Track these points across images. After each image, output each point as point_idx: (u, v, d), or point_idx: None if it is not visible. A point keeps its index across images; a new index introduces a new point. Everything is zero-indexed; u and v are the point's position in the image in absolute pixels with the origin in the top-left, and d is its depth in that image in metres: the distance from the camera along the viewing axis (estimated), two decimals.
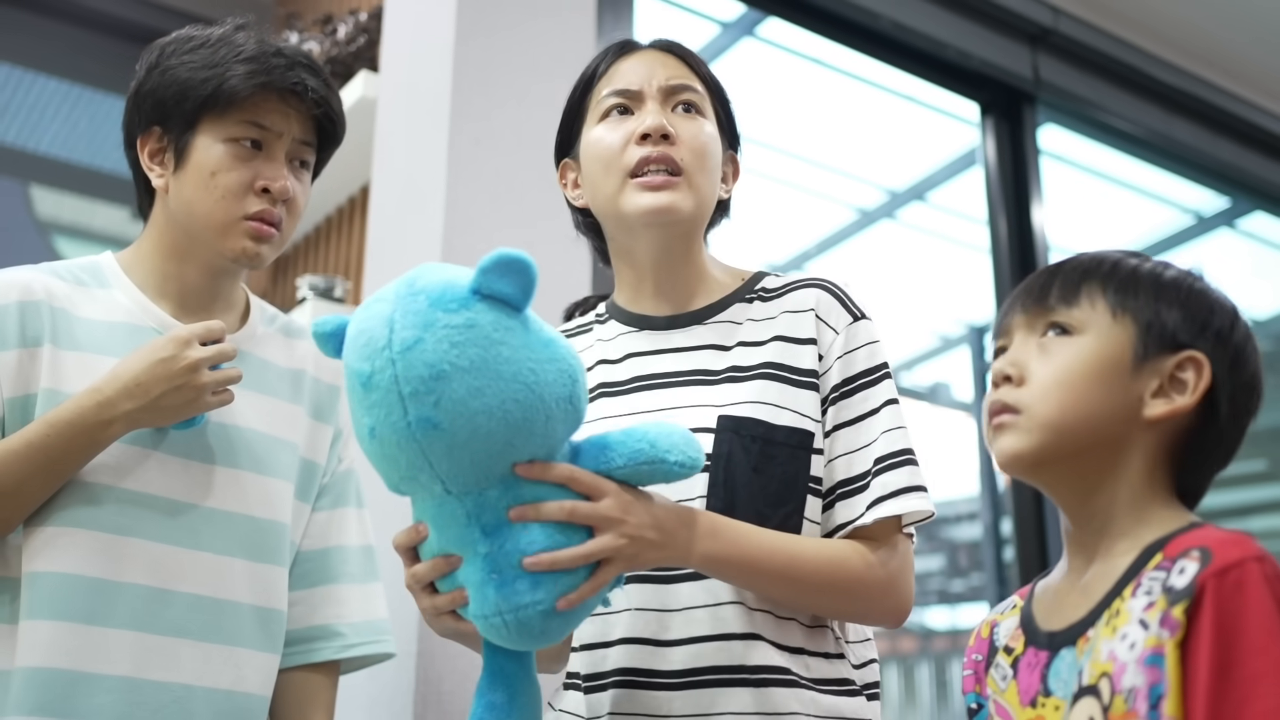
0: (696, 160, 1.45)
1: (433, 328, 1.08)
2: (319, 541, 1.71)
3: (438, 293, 1.10)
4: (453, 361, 1.08)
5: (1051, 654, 1.08)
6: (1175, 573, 0.99)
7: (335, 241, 2.91)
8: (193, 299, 1.64)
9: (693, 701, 1.32)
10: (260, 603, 1.59)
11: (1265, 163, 4.18)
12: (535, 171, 2.29)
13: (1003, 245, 3.45)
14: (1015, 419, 1.09)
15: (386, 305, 1.11)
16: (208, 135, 1.59)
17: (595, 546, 1.16)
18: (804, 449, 1.38)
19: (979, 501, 4.20)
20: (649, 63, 1.49)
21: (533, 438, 1.13)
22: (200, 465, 1.57)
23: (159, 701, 1.49)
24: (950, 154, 4.30)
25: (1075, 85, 3.64)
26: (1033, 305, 1.14)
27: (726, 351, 1.44)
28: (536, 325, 1.15)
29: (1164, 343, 1.10)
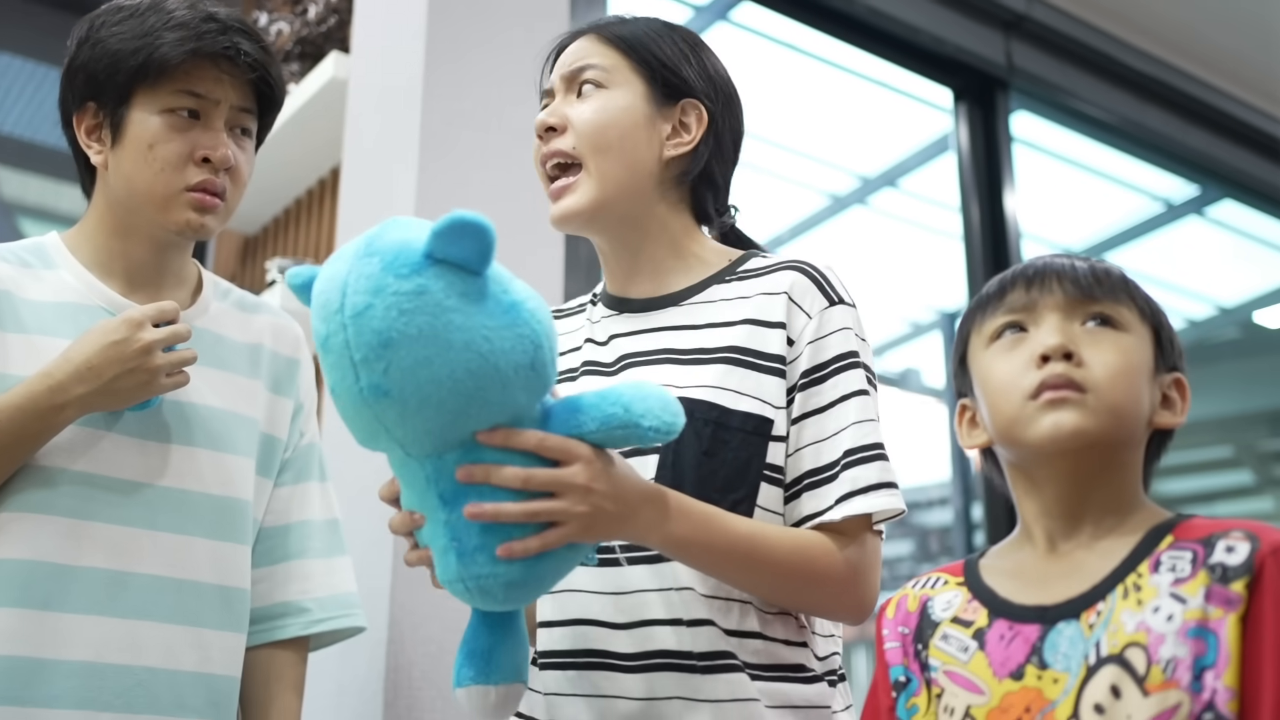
0: (588, 142, 1.42)
1: (382, 293, 1.05)
2: (282, 517, 1.69)
3: (391, 256, 1.06)
4: (400, 329, 1.05)
5: (1046, 627, 1.08)
6: (1220, 551, 1.03)
7: (305, 224, 2.88)
8: (140, 275, 1.61)
9: (644, 685, 1.32)
10: (223, 582, 1.57)
11: (1235, 151, 4.20)
12: (508, 153, 2.28)
13: (975, 232, 3.46)
14: (1082, 397, 1.09)
15: (344, 265, 1.09)
16: (142, 107, 1.55)
17: (543, 506, 1.13)
18: (760, 435, 1.35)
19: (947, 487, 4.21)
20: (565, 55, 1.50)
21: (489, 406, 1.10)
22: (157, 445, 1.55)
23: (122, 686, 1.47)
24: (922, 140, 4.31)
25: (1048, 72, 3.65)
26: (1075, 292, 1.14)
27: (697, 331, 1.42)
28: (498, 289, 1.11)
29: (1166, 359, 1.16)
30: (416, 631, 1.97)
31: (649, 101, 1.45)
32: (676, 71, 1.47)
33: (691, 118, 1.47)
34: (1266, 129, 4.25)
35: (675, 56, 1.47)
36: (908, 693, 1.16)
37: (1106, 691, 1.01)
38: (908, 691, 1.16)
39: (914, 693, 1.15)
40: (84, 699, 1.44)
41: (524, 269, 2.21)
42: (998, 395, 1.14)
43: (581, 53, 1.47)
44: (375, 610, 1.98)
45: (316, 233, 2.80)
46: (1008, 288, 1.18)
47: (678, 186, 1.49)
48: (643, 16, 1.52)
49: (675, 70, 1.47)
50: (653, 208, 1.47)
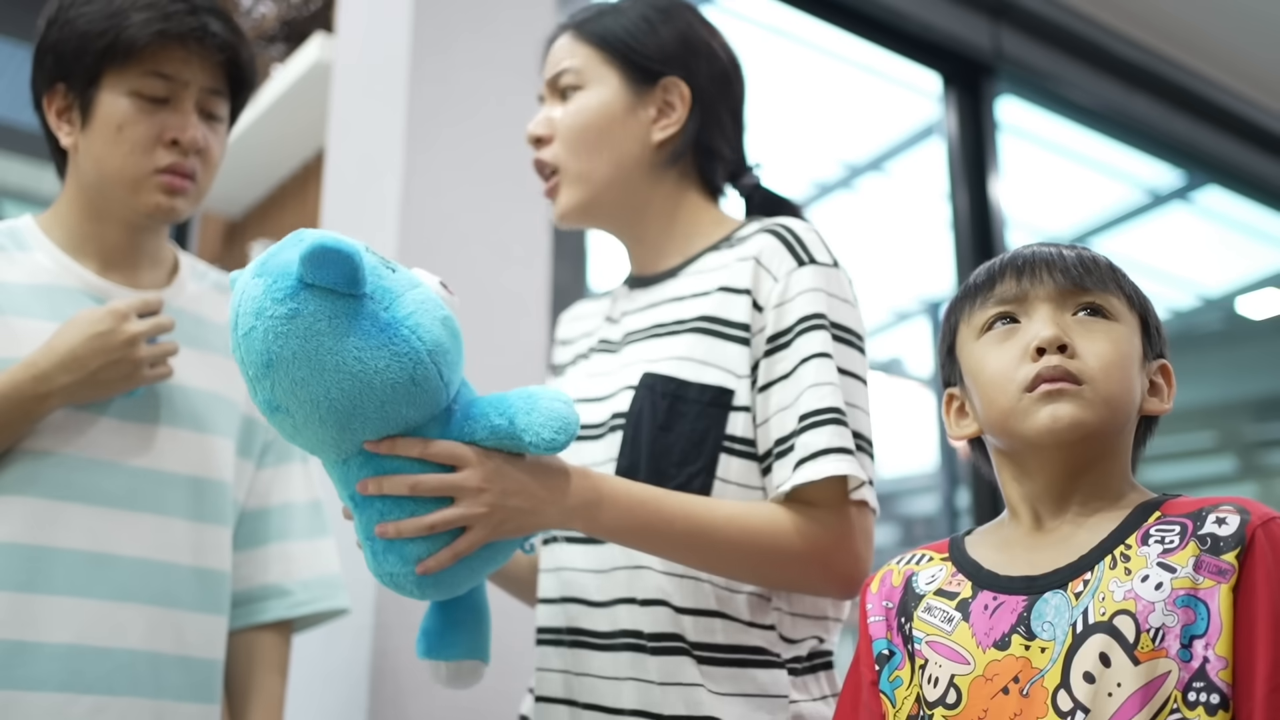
0: (567, 147, 1.45)
1: (262, 316, 1.08)
2: (264, 499, 1.69)
3: (272, 279, 1.08)
4: (277, 352, 1.08)
5: (1032, 598, 1.08)
6: (1210, 524, 1.03)
7: (289, 207, 2.86)
8: (115, 257, 1.60)
9: (610, 664, 1.33)
10: (201, 564, 1.56)
11: (1221, 138, 4.20)
12: (496, 135, 2.26)
13: (962, 218, 3.45)
14: (1079, 389, 1.10)
15: (241, 281, 1.12)
16: (111, 89, 1.55)
17: (440, 517, 1.15)
18: (718, 406, 1.33)
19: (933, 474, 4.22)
20: (549, 59, 1.51)
21: (369, 421, 1.13)
22: (138, 425, 1.54)
23: (103, 669, 1.46)
24: (908, 127, 4.30)
25: (1036, 59, 3.64)
26: (1065, 282, 1.14)
27: (681, 303, 1.42)
28: (377, 307, 1.11)
29: (1153, 346, 1.17)
30: (403, 615, 1.96)
31: (627, 91, 1.45)
32: (648, 54, 1.46)
33: (674, 95, 1.46)
34: (1252, 116, 4.26)
35: (644, 37, 1.46)
36: (891, 665, 1.15)
37: (1096, 660, 1.01)
38: (891, 664, 1.15)
39: (897, 665, 1.15)
40: (65, 681, 1.44)
41: (512, 254, 2.21)
42: (991, 388, 1.14)
43: (560, 55, 1.49)
44: (361, 594, 1.97)
45: (300, 216, 2.78)
46: (997, 278, 1.17)
47: (677, 163, 1.48)
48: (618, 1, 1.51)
49: (646, 53, 1.46)
50: (654, 191, 1.47)
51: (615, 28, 1.47)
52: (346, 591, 1.72)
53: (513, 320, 2.19)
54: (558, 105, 1.47)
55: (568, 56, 1.47)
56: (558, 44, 1.50)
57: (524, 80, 2.28)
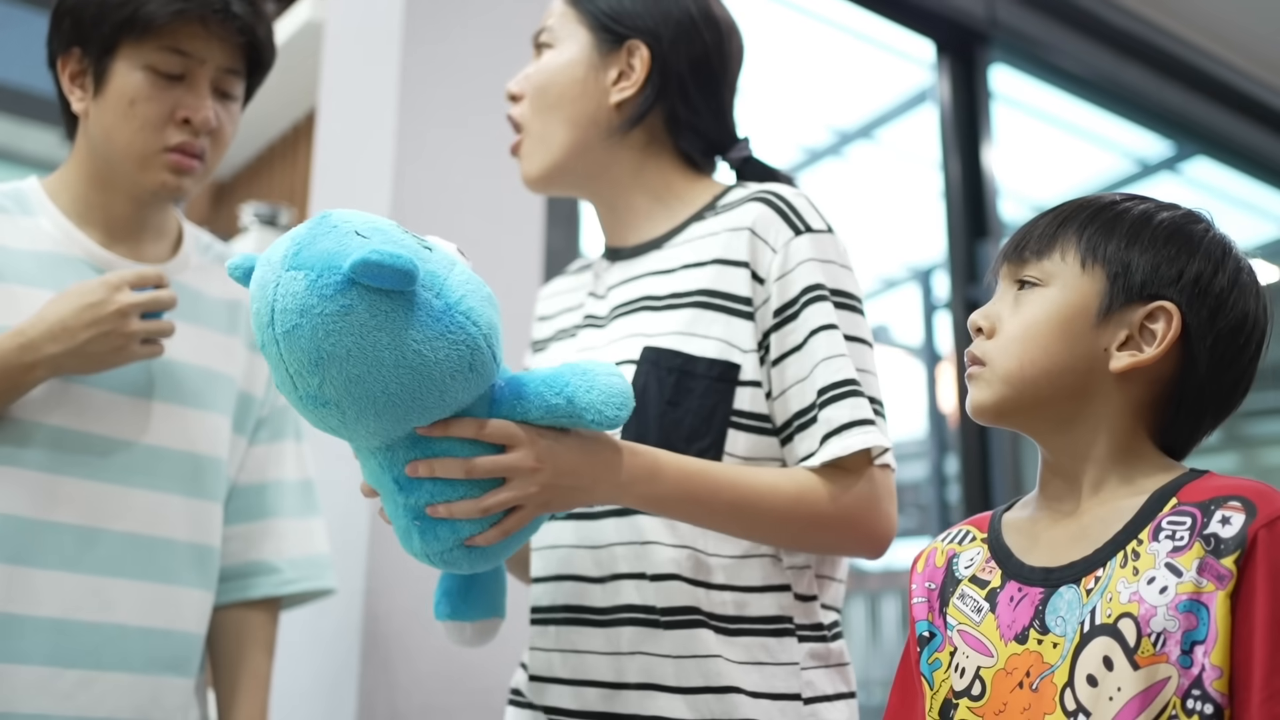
0: (531, 105, 1.44)
1: (309, 314, 1.03)
2: (256, 476, 1.68)
3: (316, 274, 1.03)
4: (329, 350, 1.03)
5: (1049, 591, 1.06)
6: (1216, 522, 0.99)
7: (279, 168, 2.84)
8: (120, 227, 1.58)
9: (612, 640, 1.32)
10: (196, 539, 1.56)
11: (1211, 109, 4.20)
12: (490, 97, 2.24)
13: (955, 185, 3.44)
14: (981, 370, 1.11)
15: (271, 274, 1.05)
16: (127, 60, 1.52)
17: (496, 500, 1.14)
18: (726, 381, 1.32)
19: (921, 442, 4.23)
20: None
21: (427, 410, 1.10)
22: (133, 400, 1.52)
23: (91, 643, 1.45)
24: (898, 94, 4.28)
25: (1029, 27, 3.63)
26: (1013, 257, 1.14)
27: (672, 275, 1.40)
28: (429, 295, 1.08)
29: (1132, 293, 1.08)
30: (392, 586, 1.96)
31: (593, 50, 1.44)
32: (615, 15, 1.44)
33: (636, 58, 1.44)
34: (1243, 87, 4.25)
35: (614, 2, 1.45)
36: (931, 647, 1.14)
37: (1099, 662, 1.00)
38: (931, 646, 1.14)
39: (937, 647, 1.14)
40: (51, 655, 1.43)
41: (505, 218, 2.19)
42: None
43: (546, 13, 1.48)
44: (352, 565, 1.97)
45: (290, 178, 2.76)
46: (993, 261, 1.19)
47: (637, 128, 1.45)
48: None
49: (614, 14, 1.44)
50: (615, 156, 1.45)
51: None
52: (334, 572, 1.72)
53: (506, 284, 2.16)
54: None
55: (550, 14, 1.48)
56: (552, 2, 1.50)
57: (518, 42, 2.25)
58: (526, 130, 1.44)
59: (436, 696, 1.96)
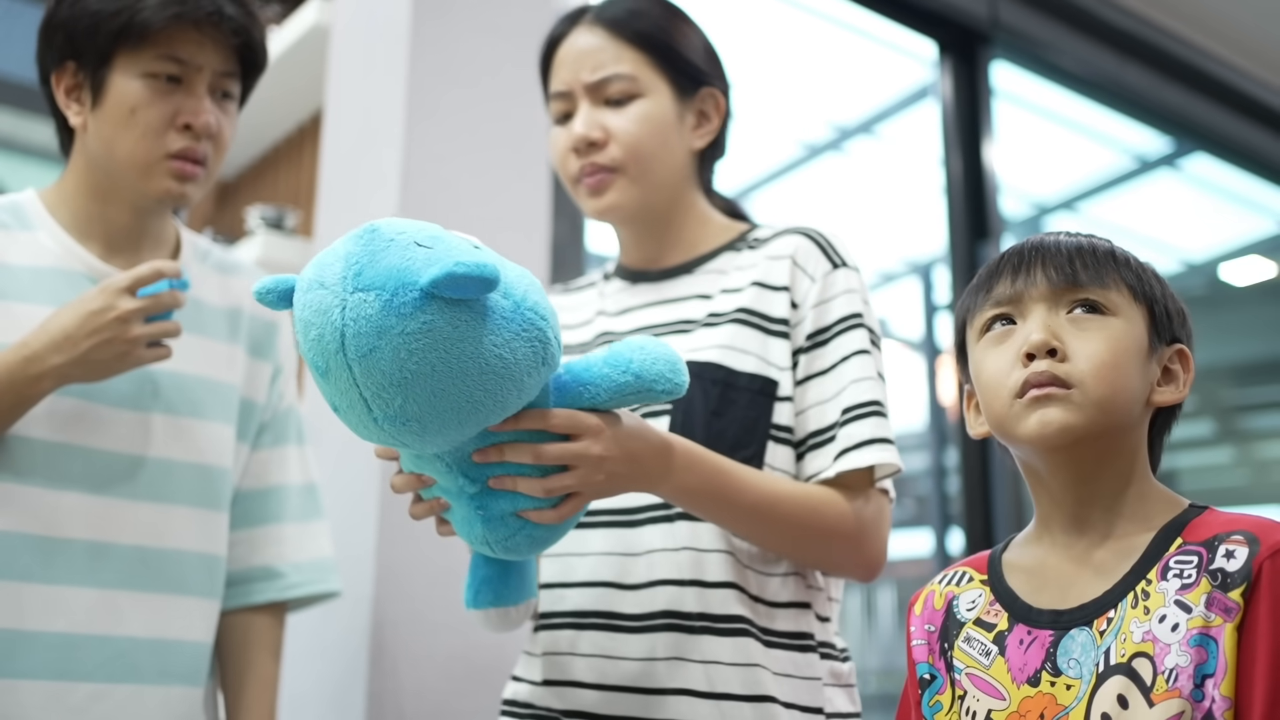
0: (630, 154, 1.45)
1: (388, 335, 1.01)
2: (259, 481, 1.68)
3: (389, 293, 1.01)
4: (413, 370, 1.02)
5: (1059, 633, 1.07)
6: (1221, 557, 1.02)
7: (284, 170, 2.84)
8: (120, 239, 1.58)
9: (646, 645, 1.34)
10: (203, 549, 1.57)
11: (1209, 107, 4.21)
12: (497, 102, 2.25)
13: (956, 184, 3.45)
14: (1068, 394, 1.08)
15: (333, 298, 1.02)
16: (124, 70, 1.52)
17: (559, 483, 1.16)
18: (766, 395, 1.38)
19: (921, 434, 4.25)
20: (577, 53, 1.48)
21: (508, 410, 1.11)
22: (136, 414, 1.52)
23: (102, 656, 1.46)
24: (898, 90, 4.29)
25: (1031, 27, 3.63)
26: (1059, 280, 1.12)
27: (709, 300, 1.45)
28: (498, 296, 1.07)
29: (1163, 334, 1.14)
30: (400, 589, 1.97)
31: (675, 100, 1.48)
32: (694, 63, 1.50)
33: (710, 106, 1.52)
34: (1241, 85, 4.26)
35: (688, 47, 1.50)
36: (932, 690, 1.15)
37: (1114, 701, 1.01)
38: (932, 689, 1.15)
39: (938, 690, 1.15)
40: (62, 670, 1.43)
41: (511, 219, 2.20)
42: (988, 393, 1.14)
43: (602, 58, 1.47)
44: (359, 568, 1.98)
45: (296, 179, 2.76)
46: (994, 278, 1.16)
47: (701, 168, 1.54)
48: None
49: (693, 63, 1.50)
50: (684, 194, 1.51)
51: (659, 33, 1.48)
52: (339, 574, 1.73)
53: None
54: (602, 110, 1.46)
55: (616, 61, 1.47)
56: (591, 40, 1.48)
57: (525, 46, 2.26)
58: (623, 173, 1.45)
59: (444, 701, 1.97)
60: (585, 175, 1.47)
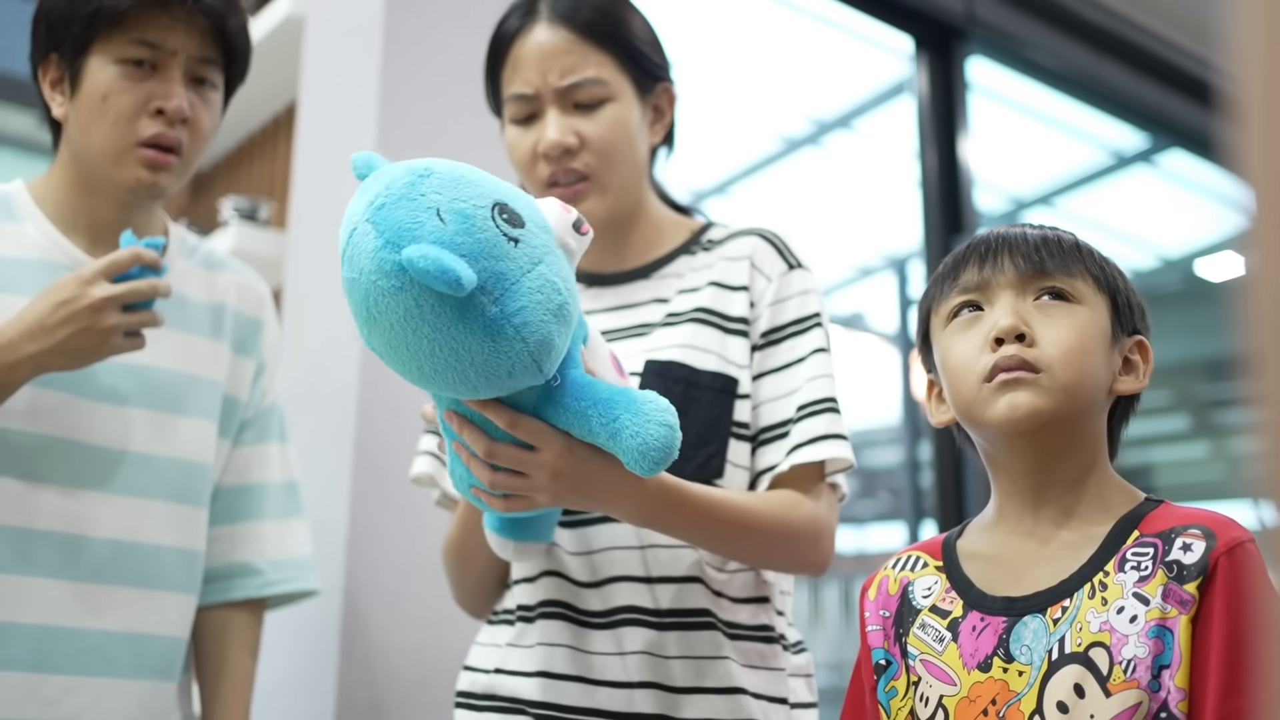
0: (602, 160, 1.43)
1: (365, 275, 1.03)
2: (240, 477, 1.68)
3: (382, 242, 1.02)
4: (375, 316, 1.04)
5: (1012, 620, 1.09)
6: (1177, 549, 1.03)
7: (259, 161, 2.83)
8: (105, 232, 1.57)
9: (613, 640, 1.35)
10: (181, 544, 1.56)
11: (1185, 103, 4.23)
12: (470, 94, 2.24)
13: (931, 178, 3.46)
14: (1036, 378, 1.10)
15: (356, 213, 1.05)
16: (99, 57, 1.52)
17: (504, 481, 1.16)
18: (727, 393, 1.38)
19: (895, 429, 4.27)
20: (541, 54, 1.43)
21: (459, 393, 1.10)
22: (116, 408, 1.52)
23: (76, 649, 1.46)
24: (876, 85, 4.30)
25: (1007, 23, 3.64)
26: (1026, 267, 1.14)
27: (666, 304, 1.46)
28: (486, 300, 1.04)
29: (1125, 324, 1.16)
30: (371, 583, 1.98)
31: (638, 97, 1.47)
32: (652, 60, 1.49)
33: (664, 100, 1.52)
34: (1217, 81, 4.28)
35: (646, 43, 1.48)
36: (888, 675, 1.17)
37: (1070, 690, 1.02)
38: (888, 674, 1.17)
39: (894, 675, 1.16)
40: (36, 662, 1.43)
41: None
42: (955, 378, 1.15)
43: (571, 61, 1.43)
44: (331, 559, 1.98)
45: (270, 170, 2.75)
46: (961, 265, 1.18)
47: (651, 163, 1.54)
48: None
49: (651, 59, 1.48)
50: (643, 194, 1.51)
51: (623, 33, 1.45)
52: (317, 573, 1.73)
53: None
54: (572, 115, 1.43)
55: (585, 64, 1.43)
56: (557, 43, 1.43)
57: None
58: (595, 180, 1.43)
59: (415, 692, 1.98)
60: (558, 184, 1.43)
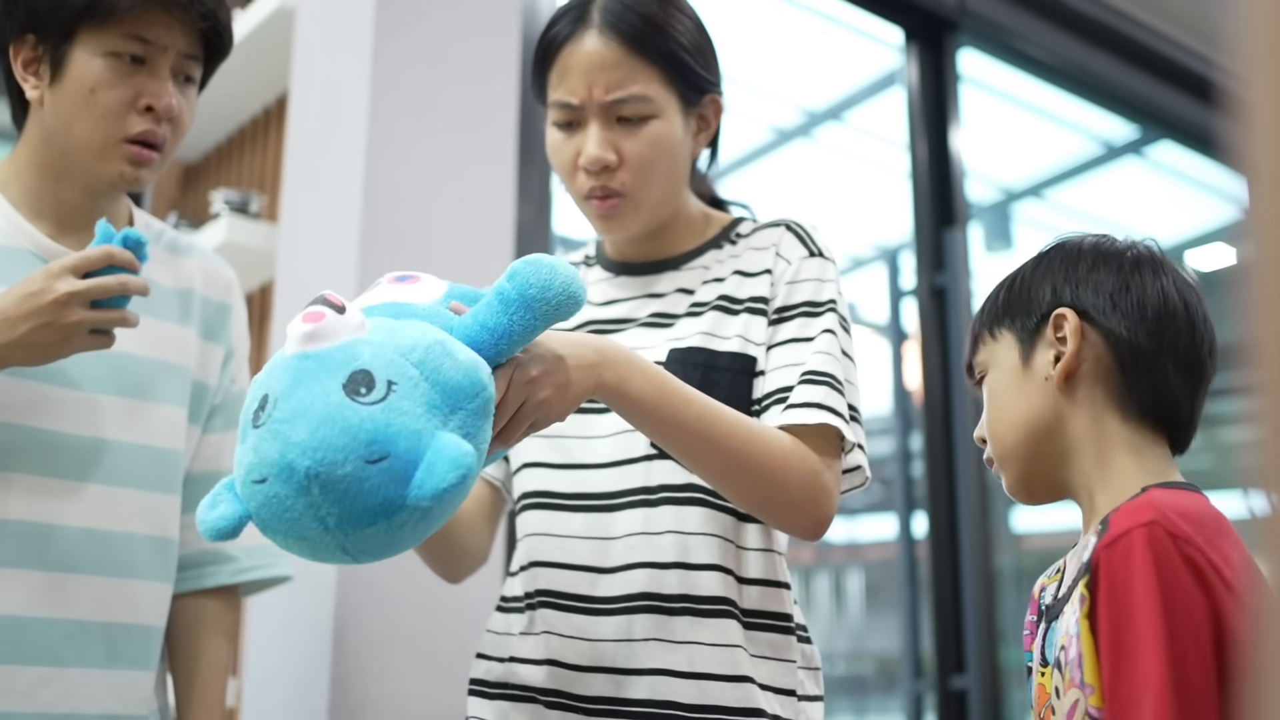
0: (639, 179, 1.43)
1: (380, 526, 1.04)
2: (211, 464, 1.67)
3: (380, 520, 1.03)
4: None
5: (1046, 625, 1.14)
6: (1083, 548, 1.08)
7: (249, 154, 2.83)
8: (71, 219, 1.56)
9: (624, 626, 1.35)
10: (155, 532, 1.55)
11: (1176, 95, 4.24)
12: (462, 85, 2.25)
13: (921, 170, 3.47)
14: (993, 460, 1.20)
15: (317, 533, 1.03)
16: (86, 48, 1.49)
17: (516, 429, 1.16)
18: (746, 373, 1.40)
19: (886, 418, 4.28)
20: (588, 64, 1.42)
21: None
22: (87, 395, 1.50)
23: (49, 639, 1.44)
24: (868, 76, 4.31)
25: (999, 14, 3.65)
26: (969, 364, 1.26)
27: (691, 294, 1.48)
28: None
29: (1037, 325, 1.19)
30: (364, 574, 1.98)
31: (682, 111, 1.47)
32: (701, 74, 1.48)
33: (710, 111, 1.52)
34: (1207, 73, 4.29)
35: (696, 57, 1.47)
36: (1031, 678, 1.20)
37: (1054, 693, 1.08)
38: (1031, 677, 1.20)
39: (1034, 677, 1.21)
40: (9, 653, 1.42)
41: (476, 202, 2.21)
42: None
43: (618, 76, 1.42)
44: None
45: (261, 163, 2.76)
46: None
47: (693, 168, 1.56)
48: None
49: (700, 74, 1.48)
50: (681, 199, 1.52)
51: (674, 48, 1.44)
52: (289, 559, 1.72)
53: (477, 265, 2.19)
54: (614, 130, 1.43)
55: (630, 80, 1.42)
56: (606, 55, 1.42)
57: (490, 29, 2.26)
58: (632, 197, 1.44)
59: (408, 683, 1.98)
60: (595, 196, 1.44)
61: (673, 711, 1.33)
